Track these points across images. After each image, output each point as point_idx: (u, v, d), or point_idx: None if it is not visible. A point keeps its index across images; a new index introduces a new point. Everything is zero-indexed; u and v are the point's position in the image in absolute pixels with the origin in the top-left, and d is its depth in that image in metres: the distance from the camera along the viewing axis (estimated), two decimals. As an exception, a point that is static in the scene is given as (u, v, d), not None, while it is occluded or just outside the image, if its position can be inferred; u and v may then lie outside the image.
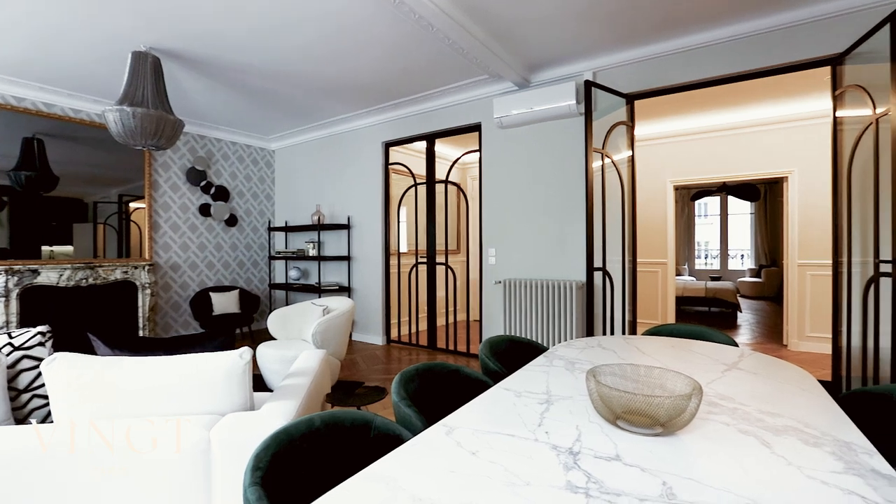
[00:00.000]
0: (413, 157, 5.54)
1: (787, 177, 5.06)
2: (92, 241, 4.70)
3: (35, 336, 1.71)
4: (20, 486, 1.17)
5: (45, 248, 4.36)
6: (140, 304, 4.87)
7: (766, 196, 9.87)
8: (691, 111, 4.91)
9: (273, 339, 3.74)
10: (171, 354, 1.52)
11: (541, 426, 1.11)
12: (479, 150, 4.47)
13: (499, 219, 4.33)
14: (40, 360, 1.67)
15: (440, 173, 5.03)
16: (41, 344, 1.70)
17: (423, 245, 5.05)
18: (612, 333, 3.55)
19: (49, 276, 4.19)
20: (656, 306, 5.90)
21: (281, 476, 0.95)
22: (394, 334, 5.38)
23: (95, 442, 1.23)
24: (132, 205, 5.03)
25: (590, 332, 3.29)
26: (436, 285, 5.00)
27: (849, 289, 2.83)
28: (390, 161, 5.29)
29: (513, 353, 2.06)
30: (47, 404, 1.66)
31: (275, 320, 3.73)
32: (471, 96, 4.38)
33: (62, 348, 3.33)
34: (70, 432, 1.24)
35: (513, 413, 1.21)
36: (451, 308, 5.23)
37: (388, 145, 5.24)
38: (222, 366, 1.42)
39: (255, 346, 4.25)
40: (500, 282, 4.21)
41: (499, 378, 1.73)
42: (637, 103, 3.72)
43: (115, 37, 3.20)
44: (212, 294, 5.32)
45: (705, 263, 11.12)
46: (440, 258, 4.97)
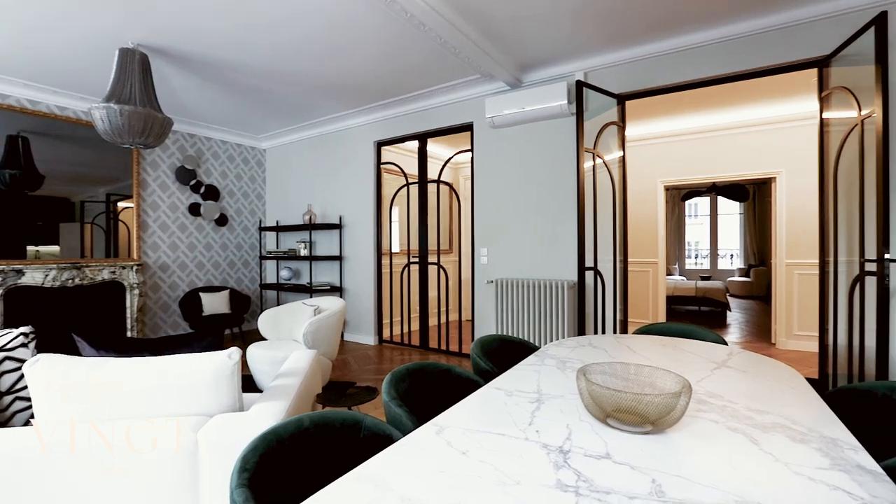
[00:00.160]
0: (405, 156, 5.53)
1: (775, 177, 5.12)
2: (79, 240, 4.63)
3: (18, 337, 1.67)
4: (6, 488, 1.15)
5: (30, 248, 4.28)
6: (128, 304, 4.80)
7: (754, 196, 9.99)
8: (681, 112, 4.95)
9: (264, 339, 3.70)
10: (158, 355, 1.50)
11: (531, 425, 1.11)
12: (472, 150, 4.47)
13: (491, 218, 4.33)
14: (23, 361, 1.63)
15: (432, 173, 5.02)
16: (24, 345, 1.67)
17: (416, 245, 5.04)
18: (603, 332, 3.57)
19: (34, 277, 4.12)
20: (647, 305, 5.94)
21: (269, 477, 0.94)
22: (386, 334, 5.36)
23: (79, 444, 1.21)
24: (120, 204, 4.96)
25: (581, 332, 3.30)
26: (428, 285, 5.00)
27: (835, 288, 2.87)
28: (382, 160, 5.27)
29: (504, 353, 2.06)
30: (30, 406, 1.63)
31: (265, 320, 3.70)
32: (463, 96, 4.38)
33: (46, 349, 3.27)
34: (53, 435, 1.21)
35: (503, 412, 1.21)
36: (443, 308, 5.22)
37: (380, 145, 5.23)
38: (210, 366, 1.41)
39: (245, 347, 4.21)
40: (492, 281, 4.22)
41: (490, 377, 1.73)
42: (628, 104, 3.74)
43: (102, 33, 3.15)
44: (202, 294, 5.26)
45: (695, 263, 11.23)
46: (432, 258, 4.96)
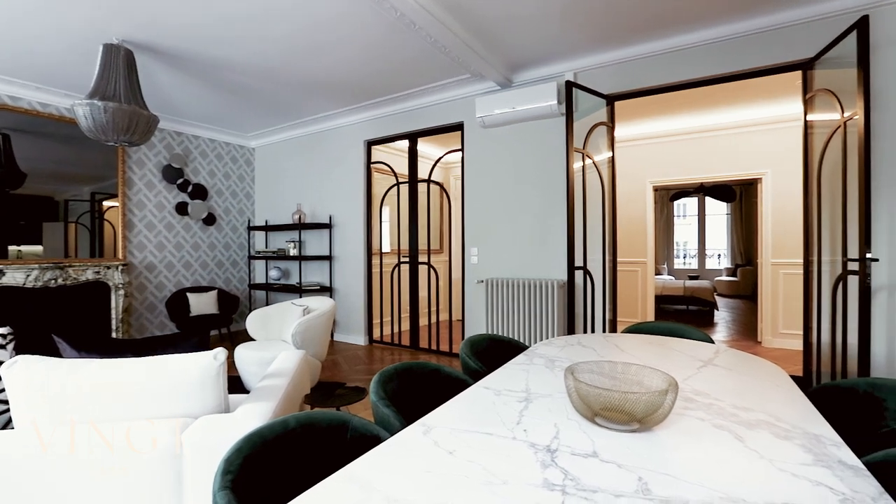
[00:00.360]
0: (395, 155, 5.51)
1: (761, 178, 5.20)
2: (63, 240, 4.54)
3: (-4, 338, 1.63)
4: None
5: (12, 248, 4.18)
6: (113, 305, 4.72)
7: (741, 197, 10.13)
8: (669, 113, 5.00)
9: (252, 340, 3.66)
10: (142, 356, 1.47)
11: (519, 424, 1.11)
12: (462, 150, 4.47)
13: (481, 218, 4.34)
14: (0, 363, 1.59)
15: (423, 172, 5.01)
16: (2, 346, 1.63)
17: (406, 245, 5.02)
18: (592, 332, 3.59)
19: (15, 277, 4.03)
20: (636, 305, 5.99)
21: (253, 480, 0.92)
22: (376, 334, 5.34)
23: (59, 447, 1.18)
24: (105, 203, 4.87)
25: (571, 331, 3.31)
26: (418, 285, 4.98)
27: (819, 287, 2.91)
28: (372, 160, 5.25)
29: (494, 352, 2.06)
30: (8, 409, 1.59)
31: (254, 321, 3.66)
32: (453, 95, 4.37)
33: (26, 351, 3.20)
34: (34, 437, 1.19)
35: (492, 412, 1.20)
36: (433, 308, 5.21)
37: (370, 144, 5.20)
38: (195, 367, 1.38)
39: (233, 348, 4.17)
40: (482, 281, 4.22)
41: (479, 377, 1.72)
42: (617, 104, 3.77)
43: (85, 27, 3.08)
44: (189, 295, 5.19)
45: (684, 263, 11.35)
46: (423, 258, 4.95)
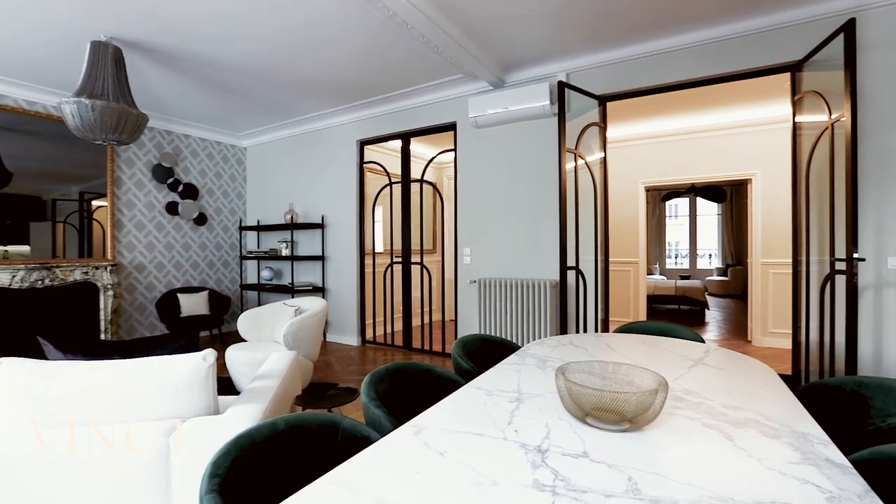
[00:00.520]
0: (388, 155, 5.49)
1: (751, 179, 5.25)
2: (51, 240, 4.47)
3: (-21, 340, 1.60)
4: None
5: (-3, 248, 4.12)
6: (102, 306, 4.66)
7: (732, 197, 10.23)
8: (661, 114, 5.03)
9: (244, 340, 3.63)
10: (129, 358, 1.45)
11: (510, 425, 1.11)
12: (455, 150, 4.46)
13: (474, 218, 4.34)
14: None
15: (416, 172, 5.00)
16: (-14, 349, 1.60)
17: (399, 245, 5.01)
18: (585, 331, 3.60)
19: (0, 278, 3.97)
20: (628, 304, 6.02)
21: (241, 483, 0.91)
22: (369, 335, 5.32)
23: (45, 449, 1.16)
24: (94, 203, 4.81)
25: (563, 331, 3.32)
26: (411, 285, 4.97)
27: (807, 286, 2.95)
28: (365, 160, 5.23)
29: (486, 352, 2.05)
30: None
31: (245, 321, 3.63)
32: (446, 95, 4.37)
33: (11, 353, 3.15)
34: (18, 440, 1.17)
35: (483, 412, 1.20)
36: (426, 308, 5.20)
37: (362, 144, 5.18)
38: (184, 369, 1.37)
39: (224, 349, 4.12)
40: (475, 281, 4.22)
41: (471, 377, 1.72)
42: (609, 105, 3.78)
43: (72, 25, 3.04)
44: (180, 295, 5.14)
45: (675, 263, 11.44)
46: (415, 258, 4.94)
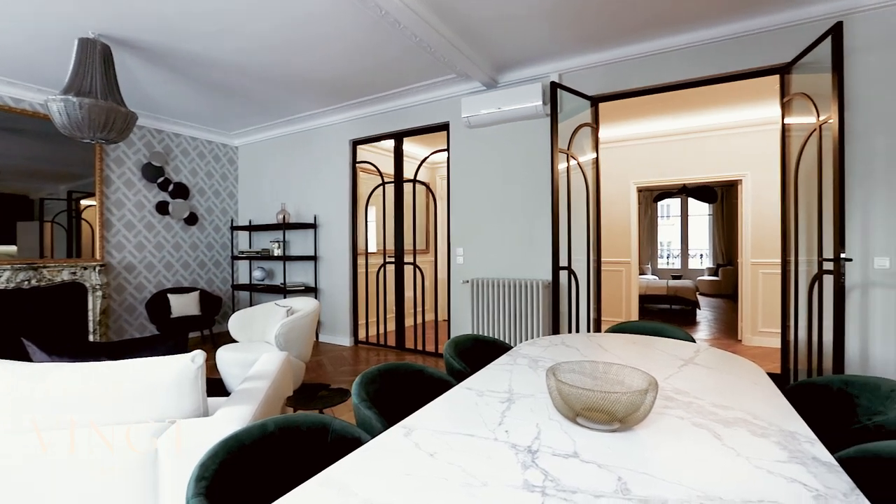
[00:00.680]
0: (381, 155, 5.48)
1: (741, 180, 5.30)
2: (38, 240, 4.40)
3: (-38, 342, 1.57)
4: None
5: (-18, 248, 4.05)
6: (90, 307, 4.59)
7: (722, 198, 10.32)
8: (653, 115, 5.06)
9: (235, 341, 3.60)
10: (117, 359, 1.43)
11: (501, 425, 1.11)
12: (448, 150, 4.46)
13: (467, 218, 4.34)
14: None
15: (409, 172, 4.99)
16: (-31, 350, 1.57)
17: (392, 245, 5.00)
18: (577, 331, 3.62)
19: (-14, 278, 3.90)
20: (621, 304, 6.06)
21: (229, 486, 0.90)
22: (361, 335, 5.30)
23: (30, 452, 1.14)
24: (83, 202, 4.74)
25: (556, 331, 3.33)
26: (404, 285, 4.96)
27: (796, 286, 2.98)
28: (358, 159, 5.21)
29: (478, 352, 2.05)
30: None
31: (236, 322, 3.60)
32: (439, 95, 4.37)
33: None
34: (1, 443, 1.14)
35: (474, 412, 1.20)
36: (419, 308, 5.20)
37: (355, 143, 5.16)
38: (172, 370, 1.35)
39: (215, 349, 4.09)
40: (467, 281, 4.22)
41: (463, 377, 1.71)
42: (601, 106, 3.80)
43: (60, 21, 3.00)
44: (170, 296, 5.09)
45: (667, 263, 11.52)
46: (408, 258, 4.93)
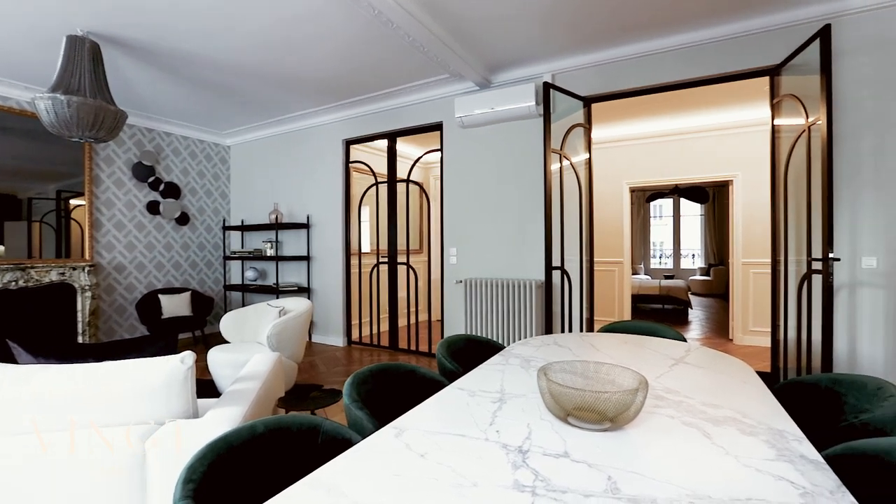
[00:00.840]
0: (374, 155, 5.47)
1: (732, 180, 5.35)
2: (26, 240, 4.35)
3: (-54, 344, 1.54)
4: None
5: (-32, 248, 3.99)
6: (79, 307, 4.54)
7: (714, 198, 10.41)
8: (645, 116, 5.09)
9: (227, 342, 3.57)
10: (105, 361, 1.41)
11: (492, 425, 1.11)
12: (441, 150, 4.46)
13: (460, 218, 4.34)
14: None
15: (402, 172, 4.98)
16: (-47, 352, 1.54)
17: (385, 245, 4.99)
18: (570, 331, 3.63)
19: (-28, 279, 3.85)
20: (613, 304, 6.08)
21: (217, 488, 0.89)
22: (355, 335, 5.28)
23: (13, 457, 1.13)
24: (73, 202, 4.69)
25: (549, 330, 3.34)
26: (397, 285, 4.95)
27: (785, 285, 3.01)
28: (351, 159, 5.19)
29: (470, 353, 2.05)
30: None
31: (228, 323, 3.58)
32: (432, 95, 4.36)
33: (-14, 357, 3.05)
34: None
35: (465, 413, 1.20)
36: (412, 308, 5.19)
37: (348, 143, 5.15)
38: (161, 371, 1.34)
39: (207, 350, 4.06)
40: (461, 281, 4.22)
41: (455, 377, 1.71)
42: (594, 106, 3.82)
43: (47, 18, 2.96)
44: (161, 296, 5.04)
45: (660, 262, 11.60)
46: (402, 258, 4.92)
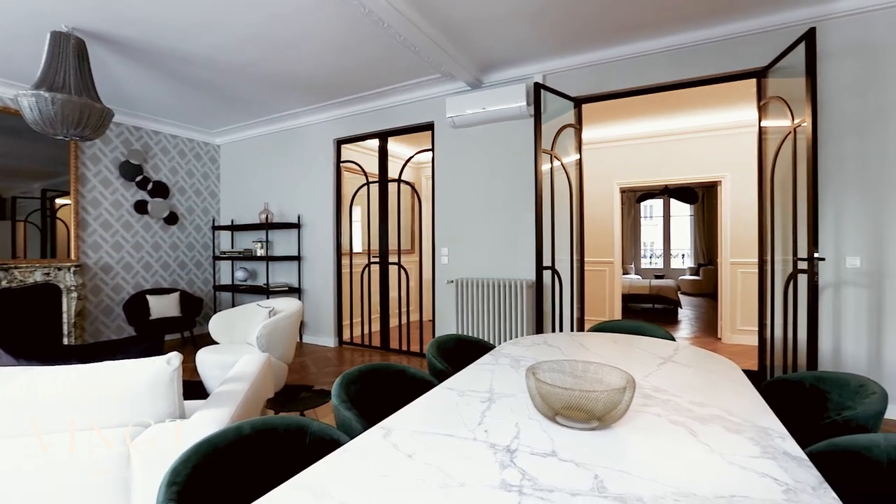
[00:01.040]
0: (366, 155, 5.44)
1: (721, 181, 5.41)
2: (10, 239, 4.26)
3: (-76, 346, 1.51)
4: None
5: (-51, 248, 3.91)
6: (65, 308, 4.47)
7: (703, 199, 10.53)
8: (635, 117, 5.13)
9: (216, 343, 3.53)
10: (89, 362, 1.39)
11: (480, 425, 1.11)
12: (432, 150, 4.45)
13: (452, 218, 4.34)
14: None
15: (393, 172, 4.97)
16: (-69, 354, 1.50)
17: (377, 245, 4.97)
18: (560, 330, 3.64)
19: (-47, 279, 3.77)
20: (604, 304, 6.12)
21: (201, 491, 0.88)
22: (346, 336, 5.26)
23: (-9, 462, 1.10)
24: (58, 201, 4.61)
25: (539, 330, 3.35)
26: (389, 285, 4.94)
27: (772, 285, 3.05)
28: (342, 159, 5.17)
29: (461, 352, 2.05)
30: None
31: (217, 323, 3.54)
32: (424, 95, 4.36)
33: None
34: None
35: (454, 413, 1.20)
36: (404, 308, 5.18)
37: (339, 143, 5.12)
38: (146, 373, 1.32)
39: (196, 351, 4.00)
40: (452, 281, 4.22)
41: (445, 377, 1.71)
42: (585, 107, 3.84)
43: (31, 14, 2.90)
44: (149, 297, 4.97)
45: (650, 262, 11.70)
46: (393, 258, 4.91)
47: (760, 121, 3.21)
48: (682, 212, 11.27)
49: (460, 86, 4.13)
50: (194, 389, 2.86)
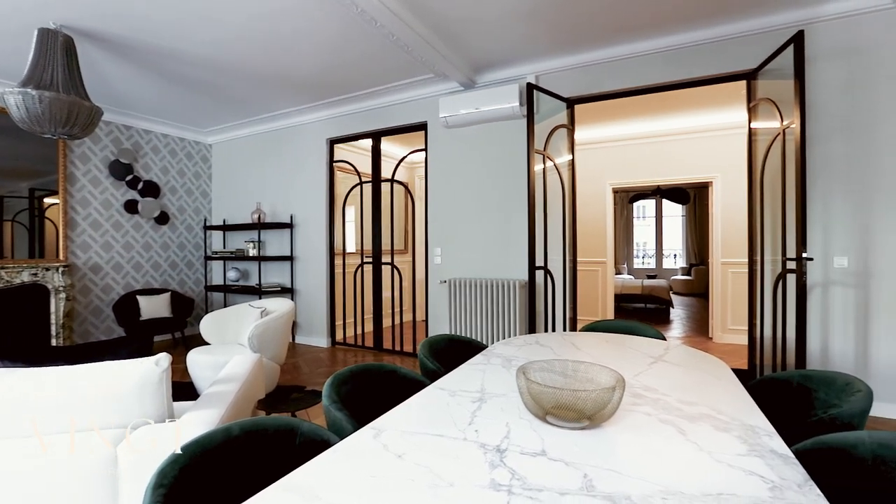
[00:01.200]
0: (359, 154, 5.43)
1: (713, 182, 5.46)
2: (-4, 240, 4.21)
3: None
4: None
5: (-67, 248, 3.84)
6: (53, 309, 4.41)
7: (695, 200, 10.61)
8: (628, 117, 5.16)
9: (207, 344, 3.50)
10: (76, 364, 1.37)
11: (471, 425, 1.11)
12: (426, 150, 4.45)
13: (445, 218, 4.34)
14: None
15: (386, 172, 4.96)
16: (-87, 356, 1.48)
17: (370, 245, 4.96)
18: (553, 330, 3.66)
19: (-62, 280, 3.70)
20: (597, 304, 6.15)
21: (189, 493, 0.87)
22: (339, 336, 5.24)
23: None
24: (47, 200, 4.55)
25: (532, 330, 3.36)
26: (382, 286, 4.93)
27: (762, 285, 3.08)
28: (335, 158, 5.15)
29: (453, 352, 2.05)
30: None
31: (208, 324, 3.51)
32: (417, 95, 4.35)
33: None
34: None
35: (445, 413, 1.19)
36: (397, 308, 5.17)
37: (332, 142, 5.10)
38: (134, 374, 1.30)
39: (187, 352, 3.95)
40: (445, 281, 4.22)
41: (437, 377, 1.71)
42: (577, 108, 3.85)
43: (17, 9, 2.86)
44: (139, 297, 4.92)
45: (642, 262, 11.78)
46: (386, 258, 4.90)
47: (750, 122, 3.24)
48: (674, 212, 11.36)
49: (453, 86, 4.13)
50: (185, 390, 2.83)
